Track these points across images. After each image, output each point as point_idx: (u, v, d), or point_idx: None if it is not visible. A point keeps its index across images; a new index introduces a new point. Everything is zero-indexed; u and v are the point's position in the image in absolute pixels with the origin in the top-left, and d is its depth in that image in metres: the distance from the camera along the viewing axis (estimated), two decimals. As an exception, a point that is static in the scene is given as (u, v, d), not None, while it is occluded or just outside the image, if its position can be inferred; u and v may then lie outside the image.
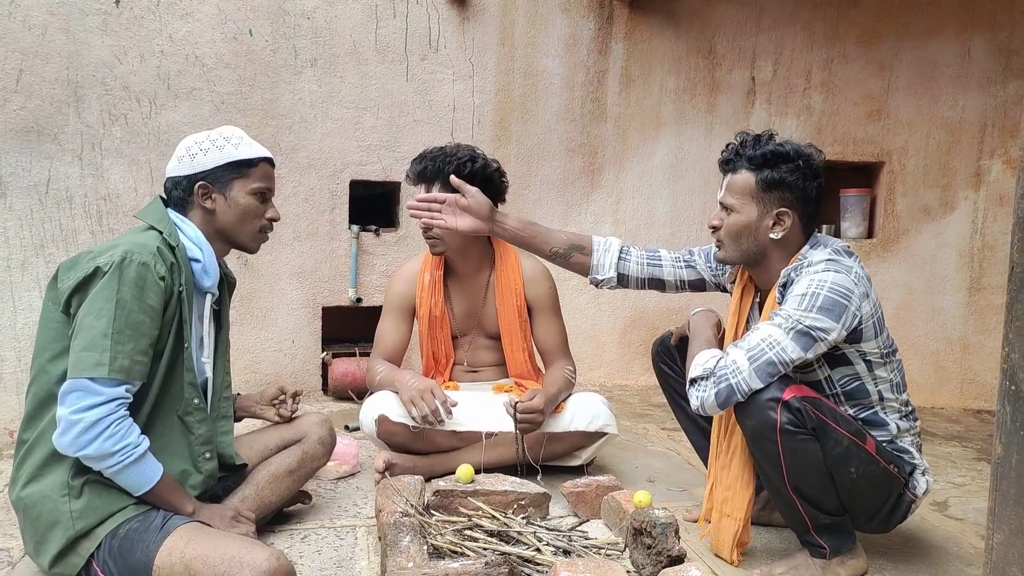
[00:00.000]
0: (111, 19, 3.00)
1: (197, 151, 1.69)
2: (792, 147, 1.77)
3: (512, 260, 2.45)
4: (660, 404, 3.51)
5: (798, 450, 1.64)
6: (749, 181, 1.77)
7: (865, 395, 1.79)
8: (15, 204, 2.93)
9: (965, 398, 3.90)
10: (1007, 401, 1.07)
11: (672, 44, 3.74)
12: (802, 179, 1.75)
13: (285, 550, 1.84)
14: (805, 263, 1.75)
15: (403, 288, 2.48)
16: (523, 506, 1.99)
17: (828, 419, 1.66)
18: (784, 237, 1.77)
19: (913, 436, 1.84)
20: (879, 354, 1.77)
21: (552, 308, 2.49)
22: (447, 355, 2.51)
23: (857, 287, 1.69)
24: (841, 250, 1.77)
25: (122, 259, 1.50)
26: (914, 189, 3.88)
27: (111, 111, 3.03)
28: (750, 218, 1.77)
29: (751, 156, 1.76)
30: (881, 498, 1.76)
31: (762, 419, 1.64)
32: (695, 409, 1.73)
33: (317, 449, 1.99)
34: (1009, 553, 1.07)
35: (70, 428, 1.43)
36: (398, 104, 3.43)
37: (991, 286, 3.84)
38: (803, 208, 1.77)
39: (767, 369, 1.64)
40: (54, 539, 1.49)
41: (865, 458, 1.68)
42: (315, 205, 3.37)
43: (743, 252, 1.82)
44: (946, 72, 3.82)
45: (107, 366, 1.45)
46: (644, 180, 3.80)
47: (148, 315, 1.52)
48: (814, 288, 1.66)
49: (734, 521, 1.80)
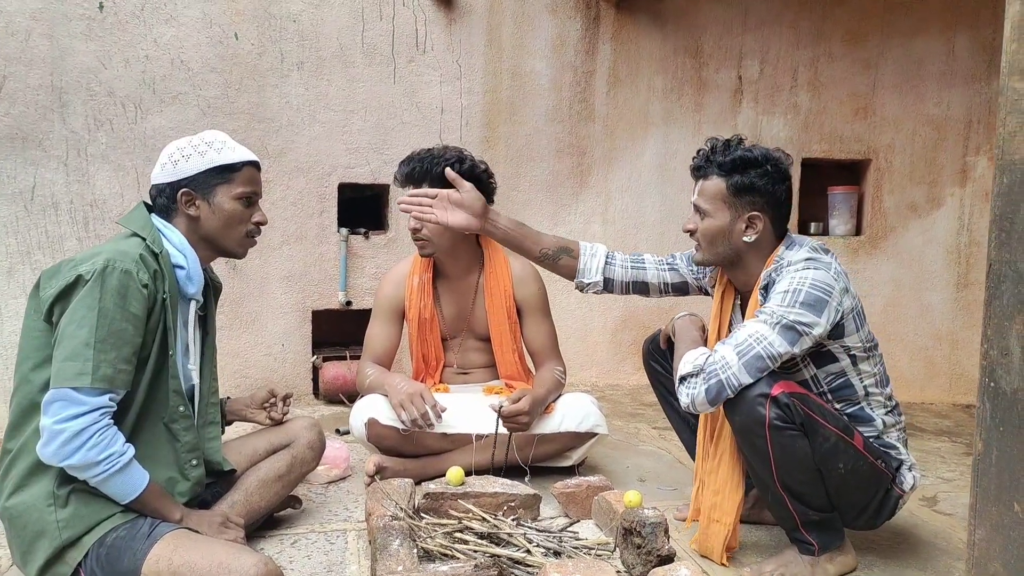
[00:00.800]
0: (95, 24, 2.99)
1: (179, 157, 1.67)
2: (760, 152, 1.81)
3: (501, 261, 2.46)
4: (651, 404, 3.52)
5: (787, 446, 1.65)
6: (720, 187, 1.80)
7: (851, 391, 1.81)
8: (0, 211, 2.91)
9: (954, 393, 3.93)
10: (986, 398, 1.08)
11: (659, 44, 3.75)
12: (771, 183, 1.79)
13: (275, 555, 1.84)
14: (784, 263, 1.77)
15: (392, 291, 2.48)
16: (513, 507, 1.99)
17: (816, 415, 1.67)
18: (757, 240, 1.81)
19: (899, 431, 1.86)
20: (862, 348, 1.79)
21: (541, 309, 2.50)
22: (437, 357, 2.50)
23: (837, 283, 1.72)
24: (819, 248, 1.81)
25: (104, 267, 1.49)
26: (901, 186, 3.90)
27: (96, 116, 3.02)
28: (723, 222, 1.81)
29: (721, 162, 1.80)
30: (869, 494, 1.77)
31: (751, 415, 1.65)
32: (685, 407, 1.74)
33: (306, 453, 1.99)
34: (991, 548, 1.08)
35: (54, 438, 1.42)
36: (386, 106, 3.43)
37: (978, 282, 3.87)
38: (774, 211, 1.81)
39: (756, 364, 1.65)
40: (41, 549, 1.48)
41: (853, 454, 1.70)
42: (304, 208, 3.36)
43: (719, 255, 1.86)
44: (931, 70, 3.84)
45: (90, 375, 1.44)
46: (633, 180, 3.80)
47: (131, 323, 1.51)
48: (796, 285, 1.69)
49: (723, 526, 1.81)
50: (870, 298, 3.91)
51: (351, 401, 2.43)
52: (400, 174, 2.33)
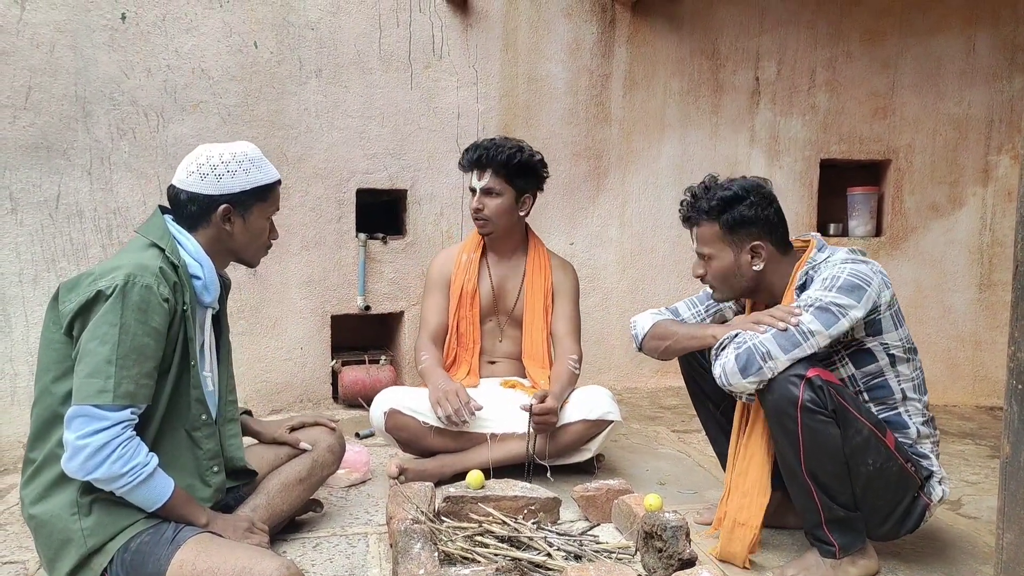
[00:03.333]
0: (118, 35, 3.04)
1: (224, 172, 1.65)
2: (739, 185, 1.86)
3: (542, 249, 2.66)
4: (670, 407, 3.51)
5: (817, 431, 1.66)
6: (714, 229, 1.86)
7: (889, 394, 1.81)
8: (26, 219, 2.96)
9: (977, 395, 3.88)
10: (1014, 400, 1.06)
11: (675, 46, 3.75)
12: (760, 210, 1.84)
13: (297, 559, 1.86)
14: (820, 260, 1.81)
15: (443, 266, 2.65)
16: (533, 511, 1.99)
17: (850, 406, 1.68)
18: (767, 265, 1.86)
19: (933, 443, 1.85)
20: (902, 348, 1.79)
21: (571, 294, 2.64)
22: (474, 339, 2.60)
23: (875, 276, 1.74)
24: (856, 251, 1.85)
25: (125, 283, 1.48)
26: (922, 186, 3.86)
27: (119, 126, 3.06)
28: (729, 261, 1.87)
29: (707, 208, 1.86)
30: (896, 497, 1.75)
31: (784, 394, 1.66)
32: (717, 379, 1.75)
33: (327, 457, 2.01)
34: (1020, 552, 1.06)
35: (77, 453, 1.43)
36: (403, 112, 3.45)
37: (1002, 282, 3.82)
38: (771, 235, 1.86)
39: (787, 338, 1.67)
40: (67, 557, 1.49)
41: (884, 452, 1.70)
42: (322, 214, 3.39)
43: (736, 289, 1.91)
44: (951, 68, 3.80)
45: (111, 392, 1.44)
46: (650, 182, 3.80)
47: (152, 338, 1.51)
48: (835, 273, 1.74)
49: (749, 529, 1.80)
50: (891, 299, 3.87)
51: (370, 405, 2.46)
52: (466, 160, 2.52)
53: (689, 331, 1.96)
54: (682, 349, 1.99)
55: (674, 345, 1.99)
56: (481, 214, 2.51)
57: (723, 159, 3.83)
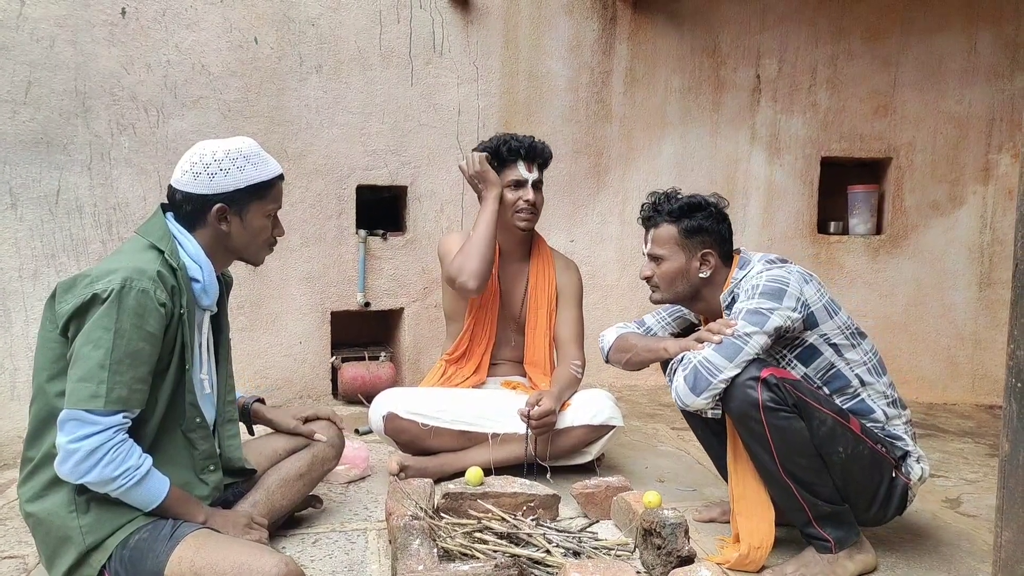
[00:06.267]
0: (118, 30, 3.03)
1: (217, 170, 1.60)
2: (700, 197, 1.98)
3: (547, 251, 2.62)
4: (669, 404, 3.51)
5: (784, 428, 1.70)
6: (672, 232, 1.95)
7: (846, 383, 1.84)
8: (26, 215, 2.96)
9: (977, 394, 3.88)
10: (1013, 398, 1.06)
11: (676, 44, 3.74)
12: (716, 223, 1.95)
13: (296, 554, 1.86)
14: (740, 278, 1.90)
15: (460, 240, 2.48)
16: (532, 508, 1.99)
17: (808, 398, 1.72)
18: (712, 274, 1.96)
19: (904, 424, 1.88)
20: (842, 335, 1.83)
21: (575, 297, 2.60)
22: (489, 336, 2.54)
23: (791, 276, 1.81)
24: (774, 258, 1.94)
25: (121, 287, 1.46)
26: (922, 184, 3.86)
27: (119, 121, 3.06)
28: (680, 263, 1.96)
29: (670, 210, 1.96)
30: (874, 480, 1.78)
31: (743, 399, 1.71)
32: (676, 404, 1.82)
33: (327, 452, 2.00)
34: (1018, 551, 1.07)
35: (69, 457, 1.42)
36: (403, 108, 3.45)
37: (1002, 281, 3.82)
38: (720, 247, 1.97)
39: (728, 347, 1.73)
40: (66, 554, 1.49)
41: (851, 438, 1.74)
42: (322, 210, 3.38)
43: (678, 294, 2.00)
44: (952, 67, 3.80)
45: (103, 398, 1.43)
46: (650, 180, 3.79)
47: (148, 342, 1.49)
48: (755, 283, 1.83)
49: (765, 550, 1.80)
50: (891, 297, 3.88)
51: (370, 402, 2.46)
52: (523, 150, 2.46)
53: (646, 344, 2.05)
54: (641, 361, 2.07)
55: (634, 357, 2.07)
56: (535, 208, 2.48)
57: (724, 156, 3.83)
